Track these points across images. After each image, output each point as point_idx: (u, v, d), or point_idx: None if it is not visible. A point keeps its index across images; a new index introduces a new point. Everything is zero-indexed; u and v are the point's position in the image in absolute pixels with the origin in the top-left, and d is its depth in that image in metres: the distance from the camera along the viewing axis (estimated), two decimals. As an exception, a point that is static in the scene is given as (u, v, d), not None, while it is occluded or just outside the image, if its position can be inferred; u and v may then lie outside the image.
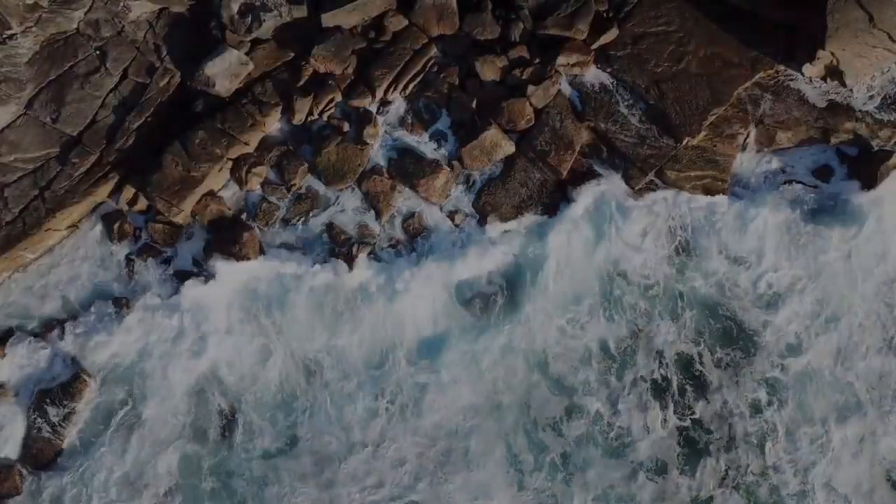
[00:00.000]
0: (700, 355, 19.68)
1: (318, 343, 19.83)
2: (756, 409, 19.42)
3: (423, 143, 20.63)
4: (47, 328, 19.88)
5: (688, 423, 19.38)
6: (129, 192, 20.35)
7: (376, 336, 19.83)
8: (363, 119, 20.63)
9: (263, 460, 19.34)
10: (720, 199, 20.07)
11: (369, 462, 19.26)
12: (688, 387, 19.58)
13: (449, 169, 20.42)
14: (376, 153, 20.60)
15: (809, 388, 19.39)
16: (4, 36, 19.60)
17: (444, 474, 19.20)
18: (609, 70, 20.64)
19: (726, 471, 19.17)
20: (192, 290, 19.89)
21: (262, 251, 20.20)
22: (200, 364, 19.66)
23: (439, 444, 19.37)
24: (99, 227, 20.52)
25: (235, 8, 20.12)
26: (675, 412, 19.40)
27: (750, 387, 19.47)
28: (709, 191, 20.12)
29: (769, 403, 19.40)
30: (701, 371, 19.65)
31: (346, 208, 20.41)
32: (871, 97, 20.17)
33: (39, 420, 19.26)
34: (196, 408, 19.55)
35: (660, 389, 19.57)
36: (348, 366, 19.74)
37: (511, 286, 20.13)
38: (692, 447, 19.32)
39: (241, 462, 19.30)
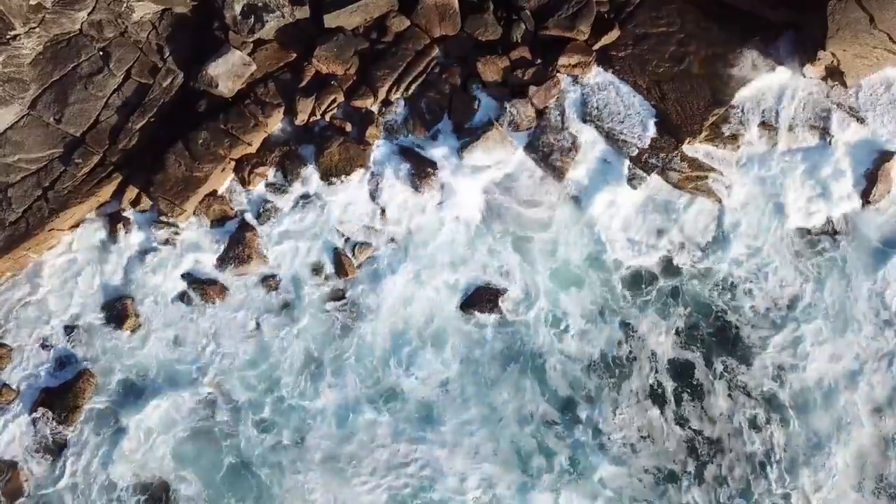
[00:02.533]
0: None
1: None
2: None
3: (425, 144, 20.66)
4: (51, 327, 19.92)
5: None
6: (131, 192, 20.40)
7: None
8: (365, 119, 20.70)
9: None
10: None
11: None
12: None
13: (450, 168, 20.44)
14: (378, 153, 20.65)
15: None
16: (8, 37, 19.63)
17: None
18: (610, 71, 20.71)
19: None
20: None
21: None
22: (208, 358, 19.92)
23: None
24: (102, 227, 20.54)
25: (238, 9, 20.17)
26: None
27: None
28: (709, 192, 20.16)
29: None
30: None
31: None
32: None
33: (44, 419, 19.33)
34: (204, 401, 19.73)
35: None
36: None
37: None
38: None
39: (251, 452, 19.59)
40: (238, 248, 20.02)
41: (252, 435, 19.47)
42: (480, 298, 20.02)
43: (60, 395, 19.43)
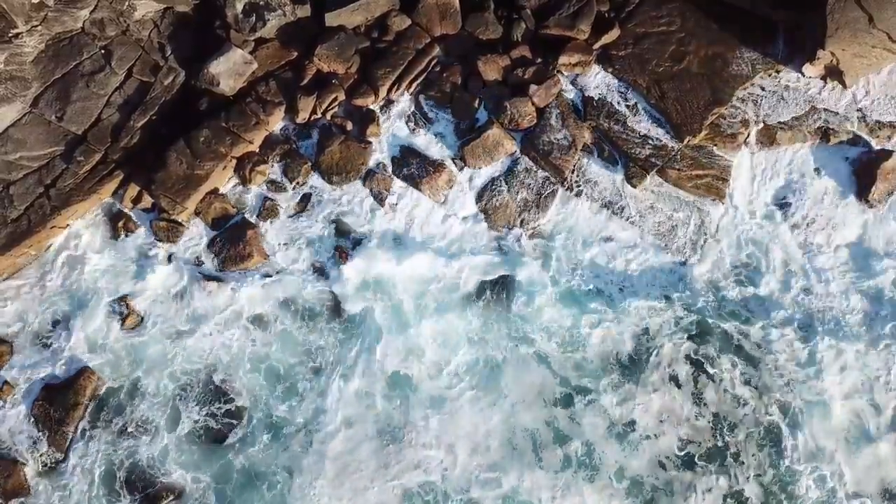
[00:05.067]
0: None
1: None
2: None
3: (426, 142, 20.73)
4: (52, 324, 19.99)
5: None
6: (133, 189, 20.47)
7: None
8: (366, 118, 20.76)
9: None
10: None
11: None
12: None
13: (451, 167, 20.54)
14: (379, 152, 20.72)
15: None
16: (10, 35, 19.72)
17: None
18: (611, 70, 20.79)
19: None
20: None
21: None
22: (212, 355, 19.89)
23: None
24: (103, 225, 20.63)
25: (240, 7, 20.26)
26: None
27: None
28: (709, 190, 20.23)
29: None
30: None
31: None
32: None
33: (44, 416, 19.33)
34: (204, 400, 19.66)
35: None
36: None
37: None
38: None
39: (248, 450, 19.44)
40: (239, 245, 20.06)
41: (258, 435, 19.38)
42: (485, 293, 20.01)
43: (61, 392, 19.44)
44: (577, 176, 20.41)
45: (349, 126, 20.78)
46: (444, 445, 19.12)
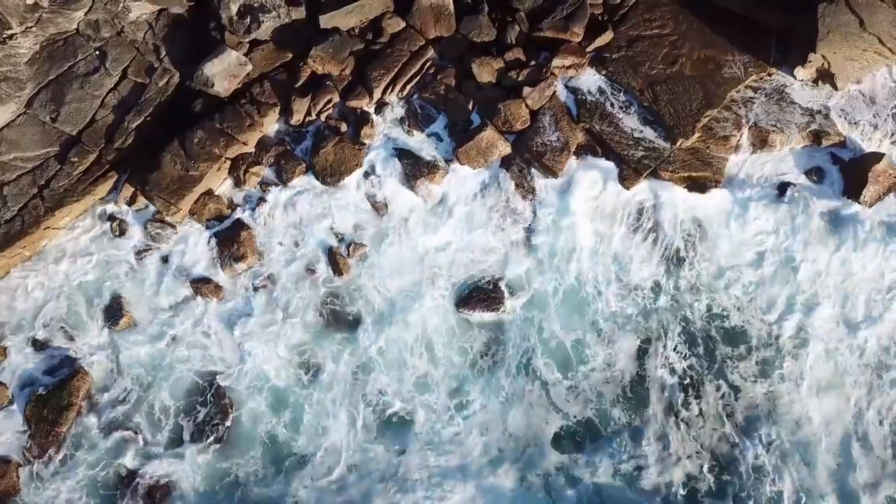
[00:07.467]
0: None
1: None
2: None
3: (420, 144, 20.78)
4: (46, 325, 19.95)
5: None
6: (127, 190, 20.49)
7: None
8: (361, 119, 20.82)
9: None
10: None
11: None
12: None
13: (446, 169, 20.60)
14: (374, 153, 20.76)
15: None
16: (5, 36, 19.73)
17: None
18: (604, 72, 20.89)
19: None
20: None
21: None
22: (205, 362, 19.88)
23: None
24: (97, 226, 20.62)
25: (234, 9, 20.29)
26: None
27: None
28: (701, 192, 20.28)
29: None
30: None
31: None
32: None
33: (37, 416, 19.29)
34: (200, 408, 19.64)
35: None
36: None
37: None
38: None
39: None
40: (233, 246, 20.09)
41: (259, 460, 19.32)
42: (479, 298, 19.99)
43: (54, 393, 19.41)
44: (569, 176, 20.49)
45: (343, 127, 20.83)
46: (452, 491, 18.90)
